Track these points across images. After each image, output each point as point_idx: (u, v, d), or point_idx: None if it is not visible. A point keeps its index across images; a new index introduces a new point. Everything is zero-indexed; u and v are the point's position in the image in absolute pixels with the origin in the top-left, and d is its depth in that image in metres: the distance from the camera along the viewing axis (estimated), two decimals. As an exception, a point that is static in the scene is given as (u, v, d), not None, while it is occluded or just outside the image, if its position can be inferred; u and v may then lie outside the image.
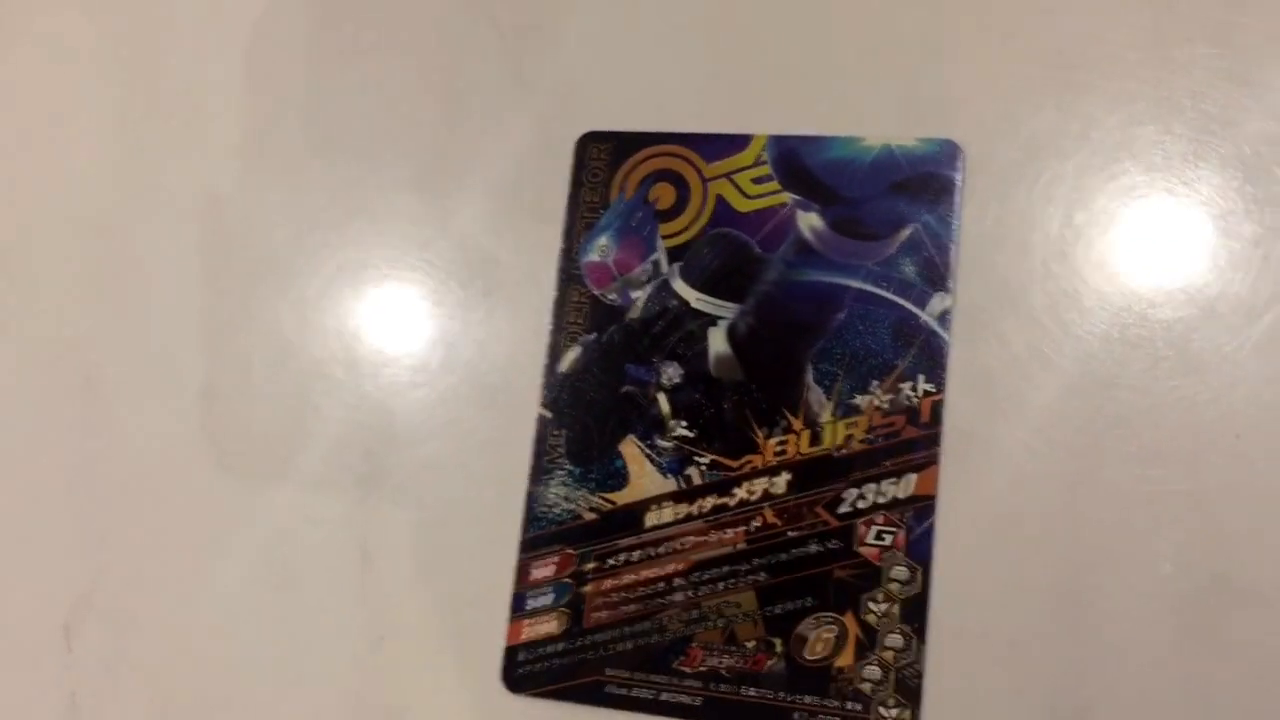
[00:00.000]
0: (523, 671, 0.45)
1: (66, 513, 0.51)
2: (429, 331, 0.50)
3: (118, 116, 0.55)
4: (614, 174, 0.49)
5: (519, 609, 0.46)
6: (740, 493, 0.45)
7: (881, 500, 0.43)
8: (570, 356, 0.47)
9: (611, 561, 0.45)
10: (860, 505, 0.44)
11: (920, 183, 0.46)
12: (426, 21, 0.52)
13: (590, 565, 0.45)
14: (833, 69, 0.48)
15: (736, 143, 0.48)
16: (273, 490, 0.49)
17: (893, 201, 0.46)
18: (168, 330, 0.52)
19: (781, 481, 0.44)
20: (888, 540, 0.43)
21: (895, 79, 0.47)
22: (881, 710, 0.42)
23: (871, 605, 0.43)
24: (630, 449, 0.46)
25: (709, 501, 0.45)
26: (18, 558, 0.51)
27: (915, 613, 0.42)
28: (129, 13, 0.56)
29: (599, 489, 0.46)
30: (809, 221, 0.46)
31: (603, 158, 0.49)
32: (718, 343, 0.46)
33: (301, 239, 0.52)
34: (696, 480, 0.45)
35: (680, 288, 0.47)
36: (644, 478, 0.46)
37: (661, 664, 0.44)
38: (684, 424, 0.46)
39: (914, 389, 0.44)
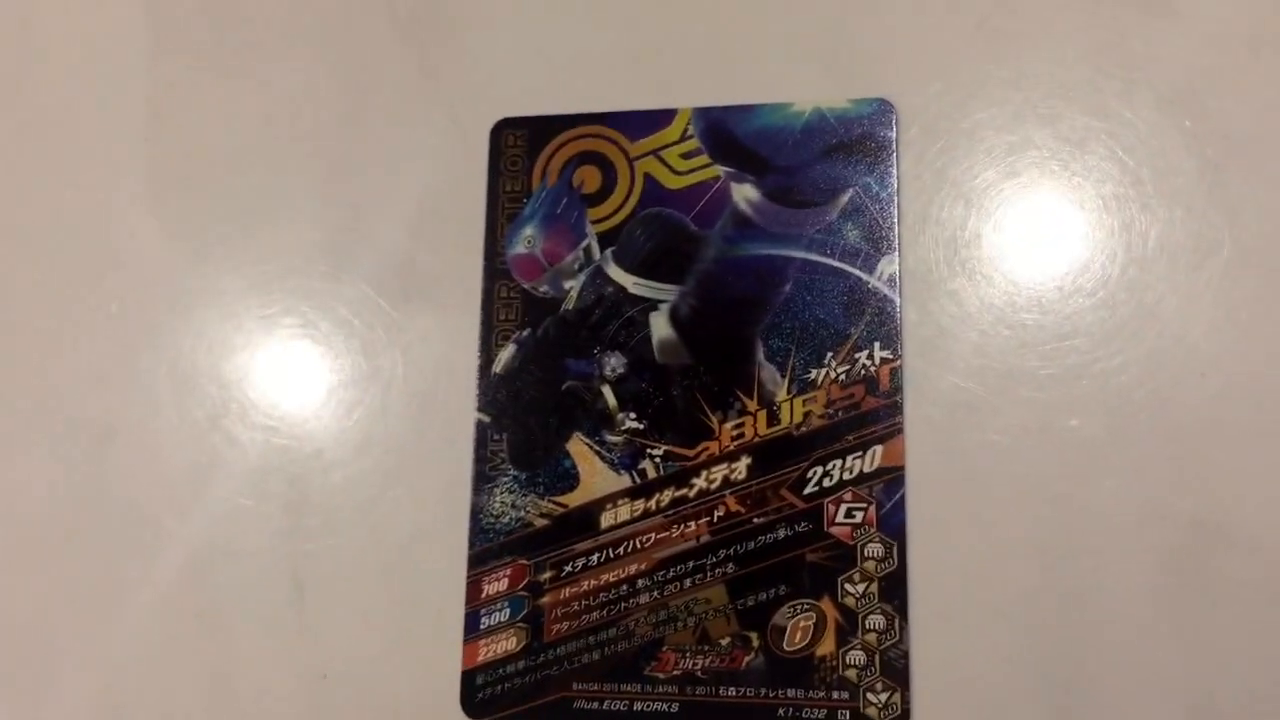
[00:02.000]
0: (483, 696, 0.42)
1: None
2: (349, 343, 0.46)
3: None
4: (534, 161, 0.46)
5: (473, 629, 0.42)
6: (699, 482, 0.42)
7: (848, 476, 0.41)
8: (505, 356, 0.44)
9: (569, 568, 0.42)
10: (826, 484, 0.41)
11: (855, 144, 0.44)
12: (318, 17, 0.49)
13: (546, 575, 0.42)
14: (755, 34, 0.46)
15: (660, 118, 0.45)
16: (188, 525, 0.45)
17: (828, 166, 0.44)
18: (62, 371, 0.48)
19: (741, 466, 0.42)
20: (858, 517, 0.41)
21: (821, 40, 0.45)
22: (869, 696, 0.40)
23: (848, 587, 0.41)
24: (578, 447, 0.43)
25: (667, 494, 0.42)
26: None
27: (895, 590, 0.40)
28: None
29: (548, 493, 0.43)
30: (744, 194, 0.44)
31: (520, 145, 0.46)
32: (660, 327, 0.44)
33: (201, 259, 0.48)
34: (651, 474, 0.42)
35: (615, 273, 0.44)
36: (595, 476, 0.43)
37: (632, 672, 0.41)
38: (632, 416, 0.43)
39: (870, 357, 0.42)
